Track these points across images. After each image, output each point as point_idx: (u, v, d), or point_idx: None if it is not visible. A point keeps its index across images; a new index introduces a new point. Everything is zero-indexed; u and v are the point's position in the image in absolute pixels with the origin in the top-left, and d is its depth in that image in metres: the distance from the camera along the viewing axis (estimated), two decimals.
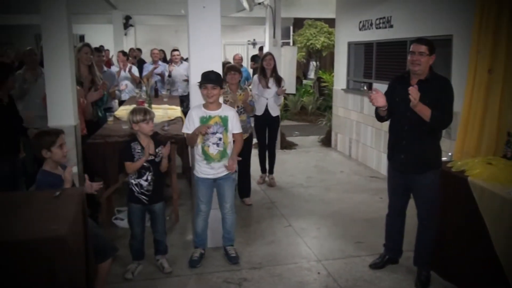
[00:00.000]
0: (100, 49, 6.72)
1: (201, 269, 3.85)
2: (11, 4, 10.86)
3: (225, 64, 5.26)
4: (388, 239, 3.88)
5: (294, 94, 11.32)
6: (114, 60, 9.95)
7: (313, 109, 11.89)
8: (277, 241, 4.42)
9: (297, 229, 4.69)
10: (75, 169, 3.88)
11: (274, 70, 5.90)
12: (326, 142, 8.69)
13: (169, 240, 4.07)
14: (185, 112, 6.57)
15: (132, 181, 3.66)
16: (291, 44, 14.35)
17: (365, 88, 7.23)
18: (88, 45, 5.10)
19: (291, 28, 15.62)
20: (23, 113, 5.09)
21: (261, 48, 11.32)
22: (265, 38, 8.63)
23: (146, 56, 12.31)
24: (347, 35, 7.84)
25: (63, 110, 4.03)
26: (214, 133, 3.73)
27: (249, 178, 5.50)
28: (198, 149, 3.80)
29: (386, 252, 3.89)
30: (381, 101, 3.41)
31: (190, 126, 3.76)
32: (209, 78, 3.66)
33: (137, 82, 8.05)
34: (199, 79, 3.73)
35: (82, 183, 3.47)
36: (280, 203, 5.46)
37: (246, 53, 16.84)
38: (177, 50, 8.50)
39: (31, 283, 2.21)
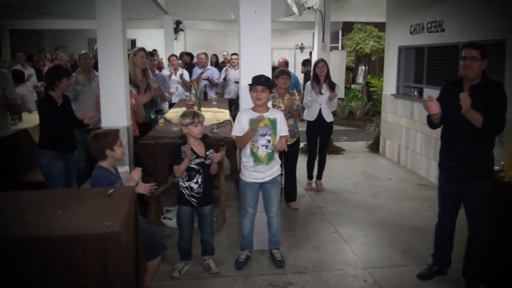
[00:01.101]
0: (153, 53, 6.90)
1: (247, 271, 3.88)
2: (66, 10, 11.32)
3: (274, 69, 5.28)
4: (437, 249, 3.77)
5: (342, 99, 11.21)
6: (165, 63, 10.19)
7: (361, 114, 11.73)
8: (323, 246, 4.39)
9: (343, 235, 4.64)
10: (126, 169, 3.99)
11: (327, 76, 5.87)
12: (374, 148, 8.55)
13: (216, 241, 4.13)
14: (233, 115, 6.64)
15: (182, 183, 3.73)
16: (340, 48, 14.23)
17: (416, 93, 7.09)
18: (143, 49, 5.26)
19: (340, 32, 15.49)
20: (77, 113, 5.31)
21: (311, 53, 11.32)
22: (314, 42, 8.60)
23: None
24: (397, 39, 7.70)
25: (116, 111, 4.16)
26: (263, 135, 3.76)
27: (295, 182, 5.49)
28: (246, 151, 3.84)
29: (434, 263, 3.78)
30: (436, 109, 3.33)
31: (239, 128, 3.80)
32: (259, 81, 3.71)
33: (187, 86, 8.21)
34: (249, 83, 3.78)
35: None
36: (327, 209, 5.42)
37: (294, 58, 16.83)
38: (236, 54, 8.67)
39: (84, 276, 2.30)
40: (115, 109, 4.15)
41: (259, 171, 3.83)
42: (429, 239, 3.86)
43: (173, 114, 6.06)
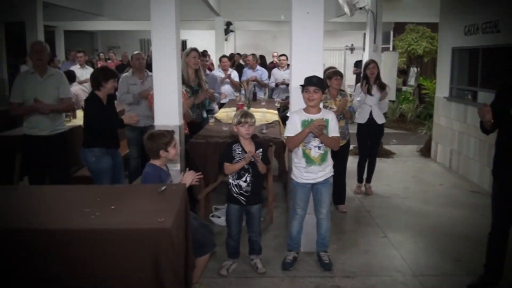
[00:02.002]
0: (205, 54, 7.01)
1: (294, 272, 3.87)
2: (119, 12, 11.67)
3: (325, 70, 5.25)
4: (490, 260, 3.58)
5: (393, 101, 10.98)
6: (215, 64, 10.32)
7: (412, 117, 11.46)
8: (372, 251, 4.32)
9: (393, 240, 4.54)
10: (178, 167, 4.08)
11: (378, 77, 5.77)
12: (425, 152, 8.32)
13: (263, 241, 4.13)
14: (281, 116, 6.66)
15: (232, 181, 3.77)
16: (391, 49, 13.96)
17: (470, 96, 6.85)
18: (196, 49, 5.35)
19: (391, 33, 15.20)
20: (128, 113, 5.46)
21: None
22: (365, 43, 8.48)
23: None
24: (451, 40, 7.46)
25: (169, 111, 4.23)
26: (315, 136, 3.73)
27: (344, 185, 5.42)
28: (298, 152, 3.82)
29: (486, 274, 3.60)
30: (489, 116, 3.22)
31: (292, 129, 3.78)
32: (311, 82, 3.69)
33: (236, 87, 8.29)
34: (300, 84, 3.77)
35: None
36: (376, 213, 5.33)
37: (344, 59, 16.64)
38: (285, 55, 8.71)
39: (136, 268, 2.36)
40: (168, 108, 4.23)
41: (311, 172, 3.81)
42: (481, 249, 3.70)
43: (223, 114, 6.14)
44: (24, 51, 9.13)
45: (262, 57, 12.42)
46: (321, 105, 3.92)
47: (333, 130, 3.79)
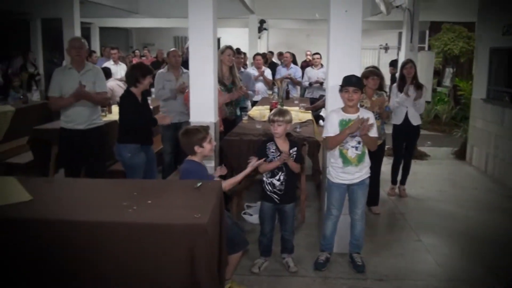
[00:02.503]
0: (239, 51, 7.03)
1: (326, 273, 3.84)
2: (155, 9, 11.81)
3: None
4: None
5: (428, 102, 10.77)
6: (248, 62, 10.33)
7: (447, 119, 11.21)
8: (406, 254, 4.24)
9: (427, 244, 4.45)
10: (212, 164, 4.10)
11: (415, 77, 5.64)
12: (460, 155, 8.12)
13: (295, 239, 4.10)
14: (314, 115, 6.62)
15: (265, 179, 3.77)
16: (426, 48, 13.70)
17: (507, 98, 6.66)
18: (230, 47, 5.37)
19: (427, 32, 14.90)
20: (164, 109, 5.53)
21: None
22: (401, 42, 8.34)
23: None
24: (489, 40, 7.24)
25: (204, 107, 4.25)
26: (353, 136, 3.69)
27: (378, 186, 5.35)
28: (335, 153, 3.79)
29: None
30: None
31: (330, 129, 3.75)
32: (350, 82, 3.65)
33: (269, 85, 8.29)
34: (337, 83, 3.74)
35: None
36: (410, 215, 5.23)
37: (378, 58, 16.42)
38: (318, 53, 8.67)
39: (172, 262, 2.39)
40: (203, 105, 4.25)
41: (348, 172, 3.76)
42: None
43: (256, 111, 6.14)
44: (60, 47, 9.38)
45: (293, 56, 12.39)
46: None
47: (372, 130, 3.73)
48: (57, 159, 5.28)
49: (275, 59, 12.24)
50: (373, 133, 3.72)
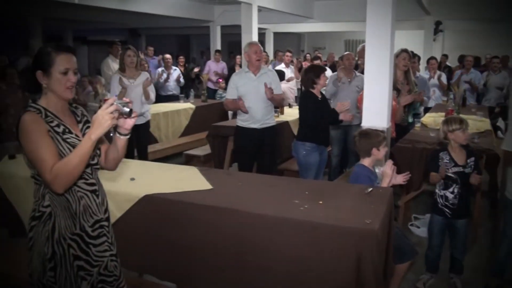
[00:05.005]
0: (414, 55, 6.78)
1: None
2: (327, 14, 12.01)
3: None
4: None
5: None
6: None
7: None
8: None
9: None
10: (381, 169, 4.02)
11: None
12: None
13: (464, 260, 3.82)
14: (492, 124, 6.08)
15: (438, 191, 3.57)
16: None
17: None
18: (406, 50, 5.19)
19: None
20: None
21: None
22: None
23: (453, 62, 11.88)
24: None
25: (378, 112, 4.21)
26: None
27: None
28: None
29: None
30: None
31: None
32: None
33: (444, 89, 7.83)
34: None
35: None
36: None
37: None
38: (497, 57, 7.96)
39: (339, 265, 2.43)
40: (377, 109, 4.21)
41: None
42: None
43: (429, 119, 5.84)
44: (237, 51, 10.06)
45: (475, 59, 11.49)
46: None
47: None
48: (232, 153, 5.69)
49: (449, 63, 11.52)
50: None
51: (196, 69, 10.85)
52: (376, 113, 4.20)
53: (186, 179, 3.19)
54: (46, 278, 2.06)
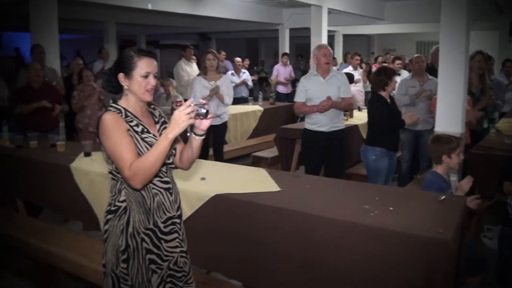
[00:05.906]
0: (490, 57, 6.48)
1: None
2: (397, 15, 11.73)
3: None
4: None
5: None
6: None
7: None
8: None
9: None
10: (455, 177, 3.89)
11: None
12: None
13: None
14: None
15: (510, 202, 3.42)
16: None
17: None
18: (481, 52, 5.00)
19: None
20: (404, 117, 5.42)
21: None
22: None
23: None
24: None
25: (452, 117, 4.09)
26: None
27: None
28: None
29: None
30: None
31: None
32: None
33: None
34: None
35: None
36: None
37: None
38: None
39: (407, 273, 2.37)
40: (450, 114, 4.09)
41: None
42: None
43: (505, 124, 5.57)
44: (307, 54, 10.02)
45: None
46: None
47: None
48: (299, 156, 5.69)
49: None
50: None
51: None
52: (449, 118, 4.07)
53: (254, 180, 3.24)
54: (119, 269, 2.18)
